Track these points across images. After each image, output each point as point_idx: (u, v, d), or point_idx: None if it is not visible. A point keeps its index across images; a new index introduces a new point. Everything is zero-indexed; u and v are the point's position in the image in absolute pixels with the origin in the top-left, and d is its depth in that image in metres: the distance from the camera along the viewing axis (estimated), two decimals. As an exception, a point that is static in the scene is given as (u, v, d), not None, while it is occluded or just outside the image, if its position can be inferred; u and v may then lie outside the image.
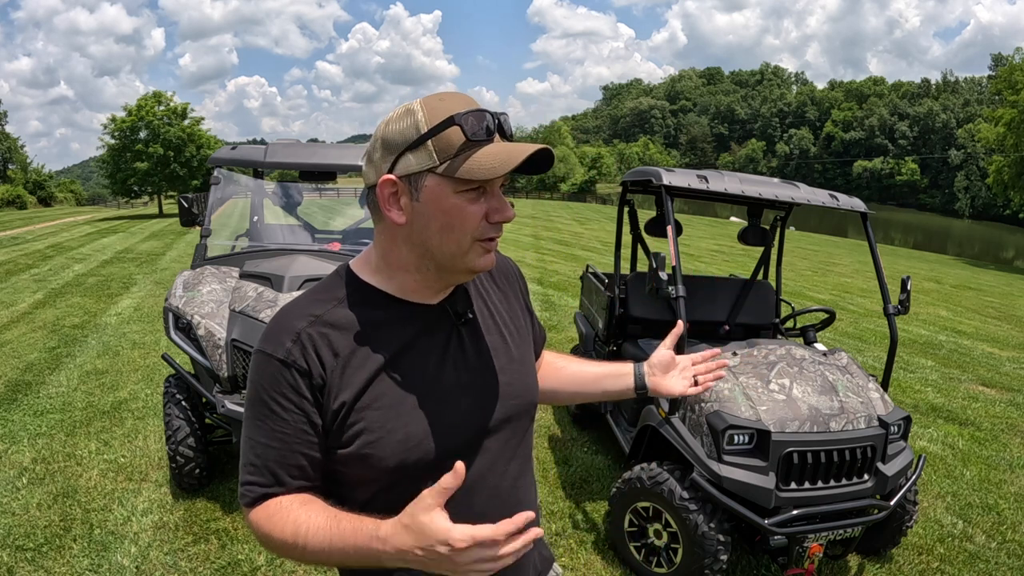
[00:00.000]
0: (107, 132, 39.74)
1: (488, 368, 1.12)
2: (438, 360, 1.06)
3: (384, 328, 1.04)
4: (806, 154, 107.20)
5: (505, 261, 1.28)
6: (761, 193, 3.44)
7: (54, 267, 12.53)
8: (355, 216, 5.46)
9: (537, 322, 1.35)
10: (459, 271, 1.04)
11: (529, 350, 1.23)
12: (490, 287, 1.22)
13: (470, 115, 0.94)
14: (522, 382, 1.16)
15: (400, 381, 1.02)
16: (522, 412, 1.16)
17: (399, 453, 0.99)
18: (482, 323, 1.15)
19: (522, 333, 1.23)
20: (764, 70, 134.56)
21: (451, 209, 0.97)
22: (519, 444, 1.17)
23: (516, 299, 1.26)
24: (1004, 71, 37.88)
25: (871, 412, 2.80)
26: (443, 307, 1.09)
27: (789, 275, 13.19)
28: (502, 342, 1.16)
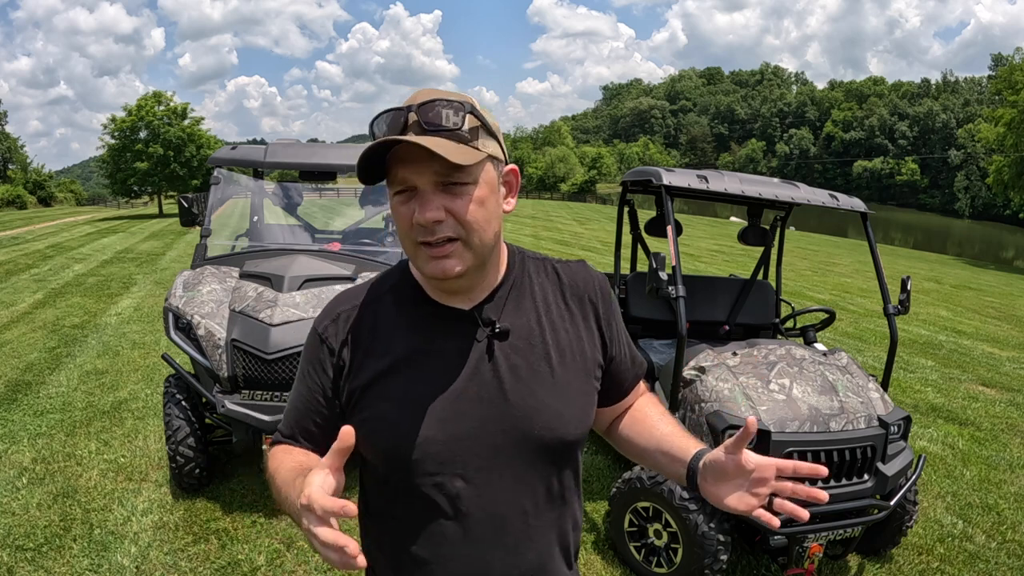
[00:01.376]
0: (107, 132, 39.75)
1: (516, 388, 1.02)
2: (455, 366, 1.02)
3: (410, 324, 1.04)
4: (806, 154, 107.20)
5: (588, 280, 1.14)
6: (761, 193, 3.44)
7: (54, 267, 12.53)
8: (355, 216, 5.47)
9: (627, 355, 1.18)
10: (425, 278, 1.03)
11: (584, 381, 1.08)
12: (555, 303, 1.10)
13: (381, 116, 0.96)
14: (555, 412, 1.03)
15: (411, 378, 1.01)
16: (548, 445, 1.03)
17: (393, 447, 1.00)
18: (524, 339, 1.05)
19: (580, 361, 1.08)
20: (764, 70, 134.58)
21: (392, 211, 0.98)
22: (541, 479, 1.05)
23: (587, 323, 1.11)
24: (1004, 71, 37.89)
25: (871, 412, 2.80)
26: (472, 314, 1.04)
27: (789, 275, 13.19)
28: (545, 364, 1.04)
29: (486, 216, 0.97)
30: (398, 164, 0.94)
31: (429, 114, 0.93)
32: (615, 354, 1.15)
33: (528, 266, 1.12)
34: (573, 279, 1.13)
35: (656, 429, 1.15)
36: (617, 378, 1.17)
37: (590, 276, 1.15)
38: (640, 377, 1.24)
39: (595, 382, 1.11)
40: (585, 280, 1.14)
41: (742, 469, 0.93)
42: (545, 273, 1.12)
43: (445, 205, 0.93)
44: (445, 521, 1.01)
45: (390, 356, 1.03)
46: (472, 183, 0.95)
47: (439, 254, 0.95)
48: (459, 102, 0.94)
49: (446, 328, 1.04)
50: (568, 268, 1.15)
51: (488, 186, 0.97)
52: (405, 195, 0.95)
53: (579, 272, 1.15)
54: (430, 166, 0.92)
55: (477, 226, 0.95)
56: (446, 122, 0.93)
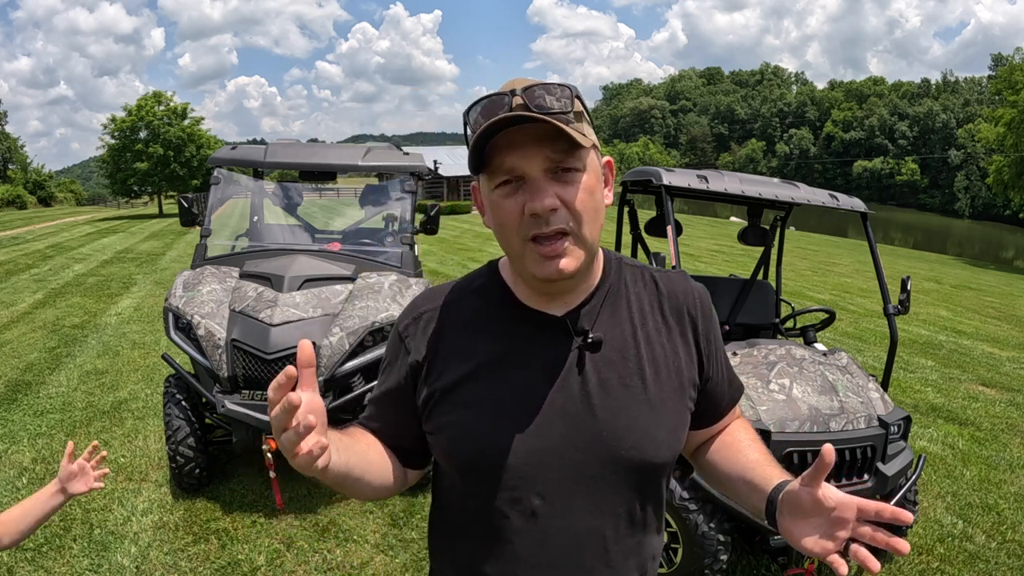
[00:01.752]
0: (107, 132, 39.79)
1: (604, 403, 0.95)
2: (541, 376, 0.95)
3: (497, 328, 0.98)
4: (806, 154, 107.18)
5: (688, 292, 1.06)
6: (761, 193, 3.44)
7: (54, 267, 12.53)
8: (355, 216, 5.47)
9: (724, 376, 1.10)
10: (531, 280, 0.94)
11: (678, 400, 1.00)
12: (651, 315, 1.02)
13: (477, 103, 0.89)
14: (644, 432, 0.95)
15: (493, 386, 0.96)
16: (634, 467, 0.96)
17: (470, 458, 0.96)
18: (617, 351, 0.97)
19: (675, 379, 1.00)
20: (764, 70, 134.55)
21: (494, 205, 0.91)
22: (623, 503, 0.98)
23: (684, 338, 1.03)
24: (1004, 71, 37.89)
25: (871, 412, 2.80)
26: (564, 321, 0.97)
27: (789, 275, 13.19)
28: (638, 380, 0.97)
29: (595, 207, 0.90)
30: (503, 152, 0.87)
31: (536, 98, 0.85)
32: (712, 374, 1.07)
33: (624, 273, 1.04)
34: (672, 290, 1.05)
35: (743, 456, 1.05)
36: (712, 400, 1.09)
37: (690, 288, 1.07)
38: (736, 400, 1.15)
39: (689, 402, 1.03)
40: (685, 292, 1.06)
41: (820, 506, 0.83)
42: (643, 282, 1.05)
43: (557, 193, 0.86)
44: (519, 540, 0.95)
45: (472, 361, 0.97)
46: (583, 170, 0.88)
47: (551, 252, 0.88)
48: (565, 86, 0.88)
49: (534, 335, 0.97)
50: (667, 278, 1.07)
51: (595, 175, 0.91)
52: (510, 187, 0.88)
53: (679, 283, 1.07)
54: (540, 151, 0.86)
55: (588, 217, 0.89)
56: (555, 105, 0.85)
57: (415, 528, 3.34)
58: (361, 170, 4.63)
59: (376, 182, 6.23)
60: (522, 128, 0.85)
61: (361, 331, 3.43)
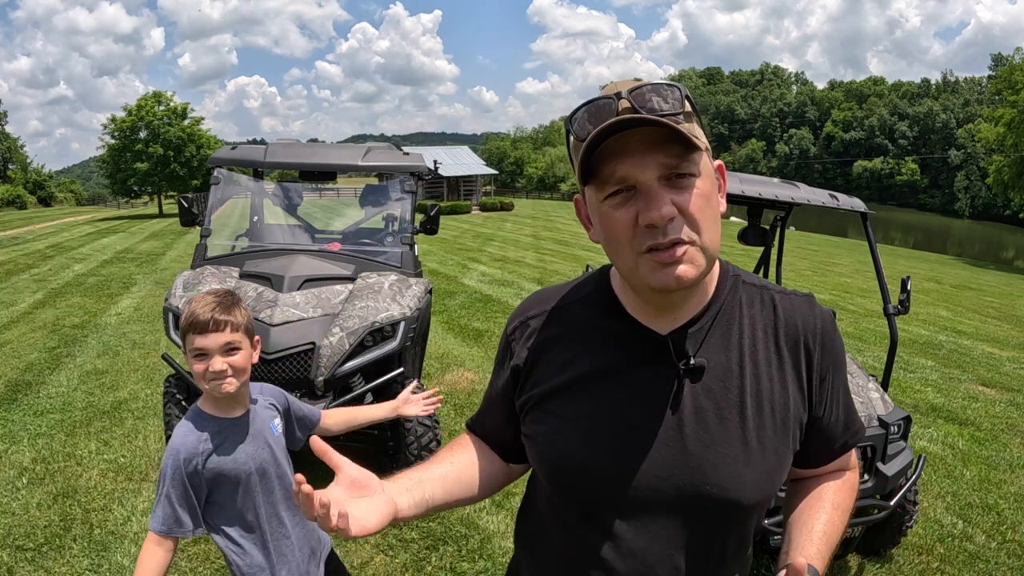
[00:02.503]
0: (107, 132, 39.83)
1: (696, 434, 0.90)
2: (636, 397, 0.92)
3: (600, 341, 0.95)
4: (806, 154, 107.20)
5: (809, 321, 0.96)
6: (761, 193, 3.44)
7: (54, 267, 12.53)
8: (355, 216, 5.47)
9: (839, 419, 1.00)
10: (645, 291, 0.89)
11: (779, 441, 0.92)
12: (763, 343, 0.94)
13: (581, 109, 0.85)
14: (734, 471, 0.89)
15: (589, 400, 0.93)
16: (718, 505, 0.90)
17: (555, 468, 0.97)
18: (719, 379, 0.91)
19: (779, 417, 0.92)
20: (764, 70, 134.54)
21: (603, 218, 0.86)
22: (702, 539, 0.93)
23: (796, 372, 0.94)
24: (1004, 71, 37.93)
25: (871, 412, 2.80)
26: (667, 341, 0.91)
27: (789, 275, 13.18)
28: (737, 414, 0.90)
29: (713, 214, 0.85)
30: (612, 160, 0.81)
31: (645, 100, 0.80)
32: (823, 414, 0.97)
33: (741, 292, 0.97)
34: (791, 317, 0.96)
35: (810, 511, 1.00)
36: (820, 441, 0.99)
37: (812, 316, 0.97)
38: (850, 447, 1.04)
39: (793, 442, 0.94)
40: (806, 320, 0.96)
41: None
42: (760, 303, 0.97)
43: (673, 200, 0.81)
44: (594, 553, 0.94)
45: (570, 372, 0.95)
46: (698, 175, 0.83)
47: (670, 259, 0.81)
48: (674, 85, 0.83)
49: (635, 352, 0.93)
50: (789, 302, 0.97)
51: (710, 179, 0.85)
52: (621, 196, 0.82)
53: (801, 309, 0.97)
54: (655, 158, 0.80)
55: (707, 225, 0.83)
56: (664, 107, 0.80)
57: (415, 528, 3.34)
58: (361, 170, 4.62)
59: (376, 182, 6.24)
60: (632, 133, 0.79)
61: (361, 331, 3.43)
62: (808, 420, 0.96)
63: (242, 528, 1.67)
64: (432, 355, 6.36)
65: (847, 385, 1.01)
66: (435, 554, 3.14)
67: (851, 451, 1.06)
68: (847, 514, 1.03)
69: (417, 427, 3.50)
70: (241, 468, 1.62)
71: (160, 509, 1.56)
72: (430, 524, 3.37)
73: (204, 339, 1.54)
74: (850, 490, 1.07)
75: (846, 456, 1.05)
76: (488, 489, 1.07)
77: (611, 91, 0.83)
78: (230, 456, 1.61)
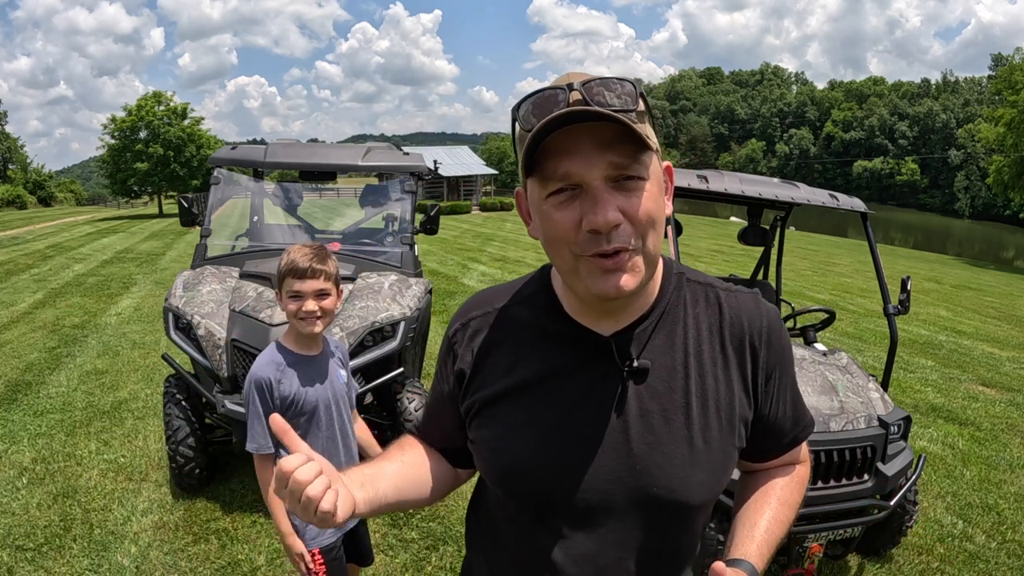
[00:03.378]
0: (107, 132, 39.84)
1: (642, 436, 0.88)
2: (580, 399, 0.90)
3: (544, 343, 0.93)
4: (806, 154, 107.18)
5: (755, 319, 0.95)
6: (761, 193, 3.44)
7: (54, 267, 12.53)
8: (355, 216, 5.47)
9: (786, 415, 1.00)
10: (585, 295, 0.85)
11: (724, 441, 0.91)
12: (708, 342, 0.92)
13: (528, 98, 0.80)
14: (680, 472, 0.88)
15: (534, 405, 0.92)
16: (665, 507, 0.90)
17: (502, 475, 0.95)
18: (664, 381, 0.90)
19: (725, 417, 0.91)
20: (764, 70, 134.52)
21: (544, 216, 0.81)
22: (651, 540, 0.92)
23: (741, 371, 0.93)
24: (1004, 71, 37.92)
25: (871, 412, 2.80)
26: (610, 343, 0.90)
27: (789, 275, 13.18)
28: (682, 416, 0.89)
29: (659, 219, 0.81)
30: (558, 156, 0.77)
31: (596, 94, 0.75)
32: (769, 411, 0.97)
33: (685, 291, 0.95)
34: (737, 315, 0.94)
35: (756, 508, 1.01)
36: (769, 436, 0.99)
37: (758, 313, 0.95)
38: (800, 441, 1.04)
39: (739, 441, 0.94)
40: (751, 318, 0.94)
41: None
42: (705, 302, 0.95)
43: (619, 206, 0.77)
44: (543, 558, 0.94)
45: (513, 377, 0.93)
46: (647, 178, 0.79)
47: (613, 266, 0.78)
48: (628, 80, 0.78)
49: (579, 354, 0.91)
50: (735, 300, 0.95)
51: (658, 183, 0.82)
52: (565, 195, 0.78)
53: (746, 307, 0.95)
54: (605, 157, 0.75)
55: (653, 230, 0.80)
56: (616, 102, 0.75)
57: (415, 528, 3.34)
58: (361, 170, 4.63)
59: (376, 182, 6.24)
60: (582, 128, 0.75)
61: (361, 331, 3.43)
62: (755, 417, 0.96)
63: None
64: (432, 355, 6.36)
65: (795, 381, 1.02)
66: (435, 554, 3.14)
67: (801, 444, 1.06)
68: (794, 509, 1.04)
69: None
70: (308, 400, 1.84)
71: (250, 430, 1.81)
72: (430, 524, 3.38)
73: (302, 284, 1.78)
74: (798, 484, 1.07)
75: (796, 450, 1.06)
76: (438, 492, 1.06)
77: (563, 81, 0.78)
78: (301, 388, 1.84)
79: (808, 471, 1.10)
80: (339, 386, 1.92)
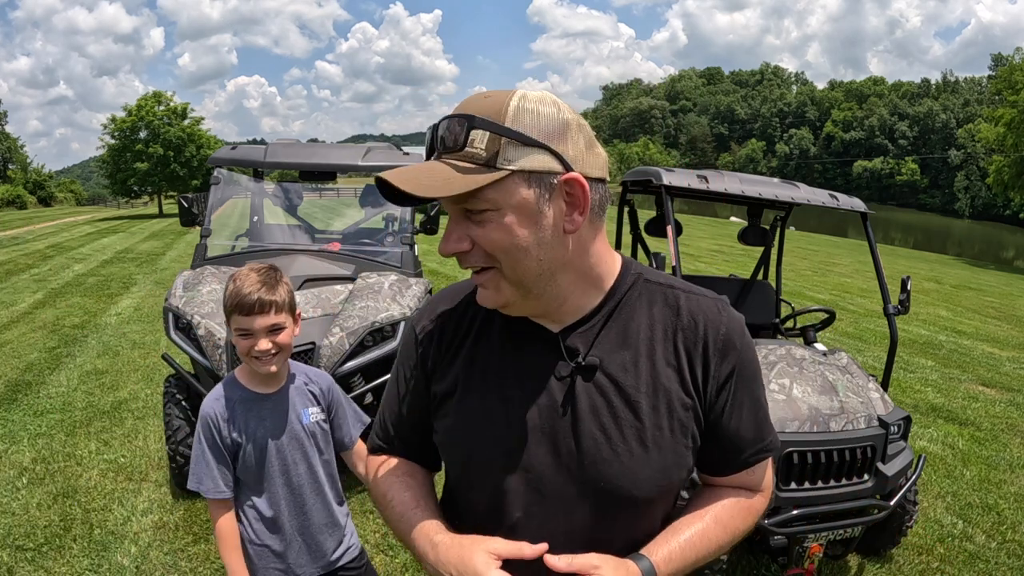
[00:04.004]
0: (107, 132, 39.82)
1: (590, 431, 0.90)
2: (531, 393, 0.92)
3: (500, 338, 0.96)
4: (806, 154, 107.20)
5: (713, 325, 0.93)
6: (761, 193, 3.44)
7: (54, 267, 12.53)
8: (355, 216, 5.47)
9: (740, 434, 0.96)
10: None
11: (675, 440, 0.91)
12: (662, 342, 0.92)
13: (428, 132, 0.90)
14: (627, 468, 0.89)
15: (483, 397, 0.95)
16: (610, 501, 0.91)
17: (458, 465, 1.01)
18: (613, 377, 0.91)
19: (677, 417, 0.91)
20: (764, 70, 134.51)
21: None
22: (601, 530, 0.93)
23: (691, 374, 0.92)
24: (1004, 71, 37.91)
25: (871, 412, 2.80)
26: (558, 339, 0.92)
27: (789, 275, 13.18)
28: (630, 412, 0.90)
29: (517, 244, 0.83)
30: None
31: (440, 134, 0.83)
32: (720, 425, 0.94)
33: (642, 292, 0.95)
34: (694, 318, 0.93)
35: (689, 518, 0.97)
36: (718, 451, 0.96)
37: (717, 320, 0.93)
38: (753, 464, 0.98)
39: (691, 440, 0.93)
40: (708, 323, 0.92)
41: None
42: (664, 303, 0.94)
43: (469, 234, 0.84)
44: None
45: (471, 369, 0.97)
46: (492, 209, 0.82)
47: (478, 281, 0.88)
48: (461, 116, 0.81)
49: (532, 349, 0.93)
50: (695, 303, 0.94)
51: (517, 210, 0.82)
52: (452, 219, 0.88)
53: (705, 311, 0.93)
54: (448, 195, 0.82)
55: (506, 256, 0.84)
56: (449, 142, 0.82)
57: (415, 528, 3.34)
58: (361, 170, 4.63)
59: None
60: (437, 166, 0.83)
61: (361, 331, 3.43)
62: (706, 425, 0.94)
63: (257, 505, 1.69)
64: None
65: (758, 397, 0.97)
66: (435, 554, 3.14)
67: (761, 469, 1.00)
68: (730, 533, 0.98)
69: None
70: (256, 443, 1.64)
71: (193, 466, 1.64)
72: (430, 524, 3.37)
73: (249, 320, 1.56)
74: (744, 511, 1.00)
75: (753, 474, 1.00)
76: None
77: (455, 112, 0.85)
78: (249, 429, 1.64)
79: (764, 504, 1.03)
80: (300, 427, 1.69)
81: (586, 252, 0.89)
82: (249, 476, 1.67)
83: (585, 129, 0.86)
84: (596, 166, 0.87)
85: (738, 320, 0.96)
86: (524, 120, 0.81)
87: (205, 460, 1.61)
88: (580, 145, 0.84)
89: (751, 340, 0.97)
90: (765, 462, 1.00)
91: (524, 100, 0.82)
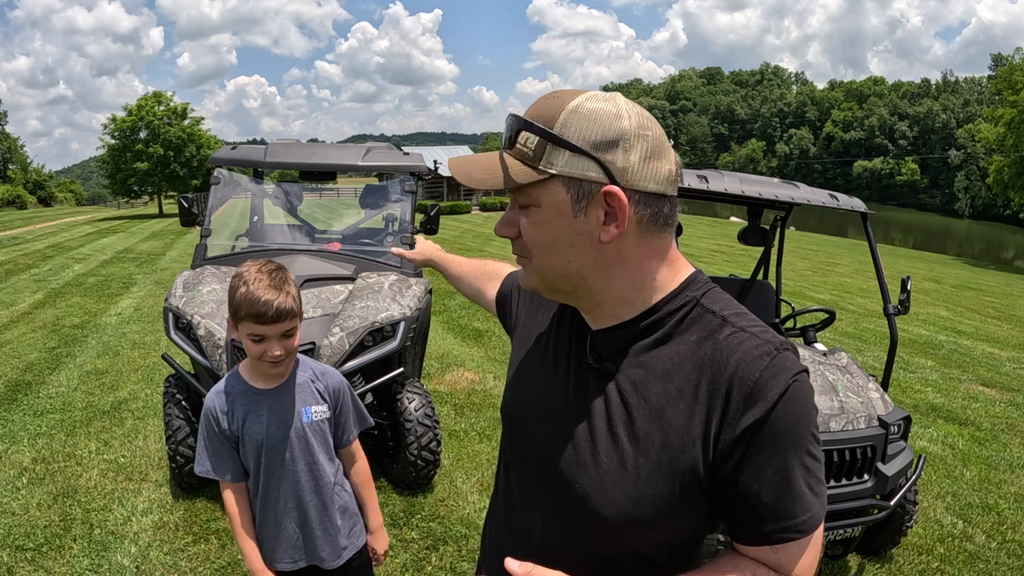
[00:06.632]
0: (107, 132, 39.86)
1: (585, 433, 0.90)
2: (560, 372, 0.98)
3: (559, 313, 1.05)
4: (806, 154, 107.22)
5: (746, 374, 0.80)
6: (761, 193, 3.44)
7: (54, 267, 12.53)
8: (355, 216, 5.47)
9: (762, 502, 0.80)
10: None
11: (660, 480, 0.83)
12: (682, 375, 0.84)
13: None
14: (599, 486, 0.86)
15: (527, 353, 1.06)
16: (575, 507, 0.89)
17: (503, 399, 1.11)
18: (620, 392, 0.88)
19: (669, 457, 0.83)
20: (764, 70, 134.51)
21: None
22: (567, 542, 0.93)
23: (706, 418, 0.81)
24: (1004, 71, 37.94)
25: (871, 412, 2.80)
26: (587, 335, 0.95)
27: (789, 275, 13.18)
28: (625, 433, 0.86)
29: (545, 243, 0.86)
30: None
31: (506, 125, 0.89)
32: (736, 483, 0.81)
33: (689, 316, 0.87)
34: (726, 356, 0.82)
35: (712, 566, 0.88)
36: (733, 513, 0.84)
37: (753, 365, 0.80)
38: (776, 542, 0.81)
39: (679, 487, 0.83)
40: (741, 365, 0.81)
41: None
42: (705, 333, 0.85)
43: (518, 222, 0.90)
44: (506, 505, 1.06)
45: (527, 335, 1.09)
46: (534, 205, 0.85)
47: (520, 264, 0.96)
48: (514, 116, 0.86)
49: (571, 334, 0.99)
50: (735, 341, 0.83)
51: (553, 210, 0.83)
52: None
53: (744, 352, 0.81)
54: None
55: (536, 250, 0.88)
56: (504, 138, 0.89)
57: (415, 528, 3.34)
58: (361, 170, 4.63)
59: (376, 182, 6.23)
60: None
61: (361, 331, 3.43)
62: (717, 478, 0.82)
63: (257, 498, 1.72)
64: (432, 355, 6.36)
65: (792, 467, 0.80)
66: (435, 554, 3.14)
67: (790, 553, 0.82)
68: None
69: (417, 427, 3.50)
70: (254, 437, 1.65)
71: (198, 453, 1.69)
72: (430, 524, 3.38)
73: (264, 328, 1.55)
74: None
75: (778, 556, 0.83)
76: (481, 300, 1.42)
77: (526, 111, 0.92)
78: (248, 422, 1.66)
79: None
80: (301, 423, 1.68)
81: (627, 264, 0.86)
82: (247, 468, 1.70)
83: (648, 140, 0.82)
84: (653, 180, 0.82)
85: (783, 372, 0.80)
86: (574, 125, 0.80)
87: (206, 447, 1.67)
88: (634, 157, 0.81)
89: (807, 405, 0.82)
90: (796, 544, 0.82)
91: (583, 104, 0.81)
